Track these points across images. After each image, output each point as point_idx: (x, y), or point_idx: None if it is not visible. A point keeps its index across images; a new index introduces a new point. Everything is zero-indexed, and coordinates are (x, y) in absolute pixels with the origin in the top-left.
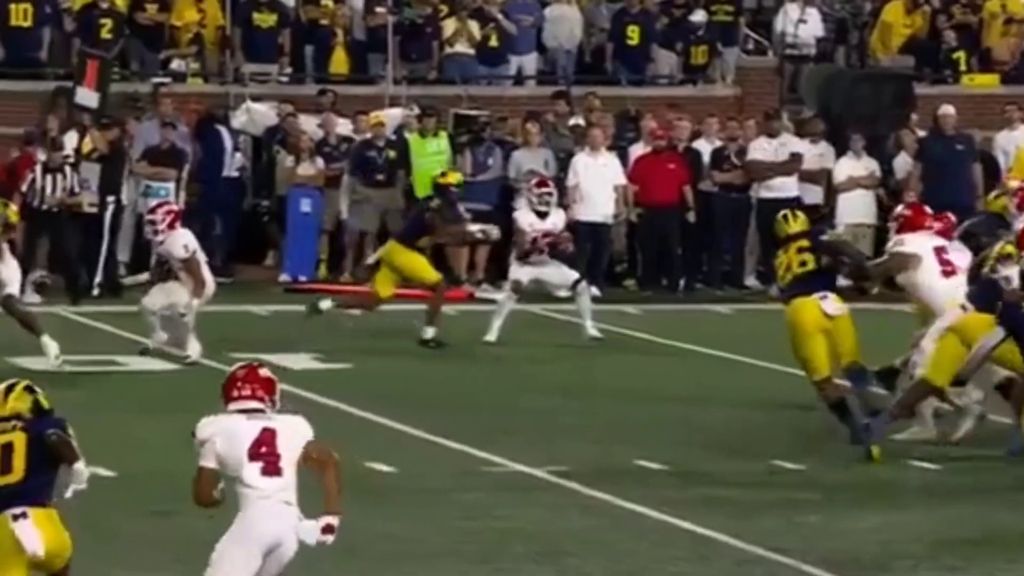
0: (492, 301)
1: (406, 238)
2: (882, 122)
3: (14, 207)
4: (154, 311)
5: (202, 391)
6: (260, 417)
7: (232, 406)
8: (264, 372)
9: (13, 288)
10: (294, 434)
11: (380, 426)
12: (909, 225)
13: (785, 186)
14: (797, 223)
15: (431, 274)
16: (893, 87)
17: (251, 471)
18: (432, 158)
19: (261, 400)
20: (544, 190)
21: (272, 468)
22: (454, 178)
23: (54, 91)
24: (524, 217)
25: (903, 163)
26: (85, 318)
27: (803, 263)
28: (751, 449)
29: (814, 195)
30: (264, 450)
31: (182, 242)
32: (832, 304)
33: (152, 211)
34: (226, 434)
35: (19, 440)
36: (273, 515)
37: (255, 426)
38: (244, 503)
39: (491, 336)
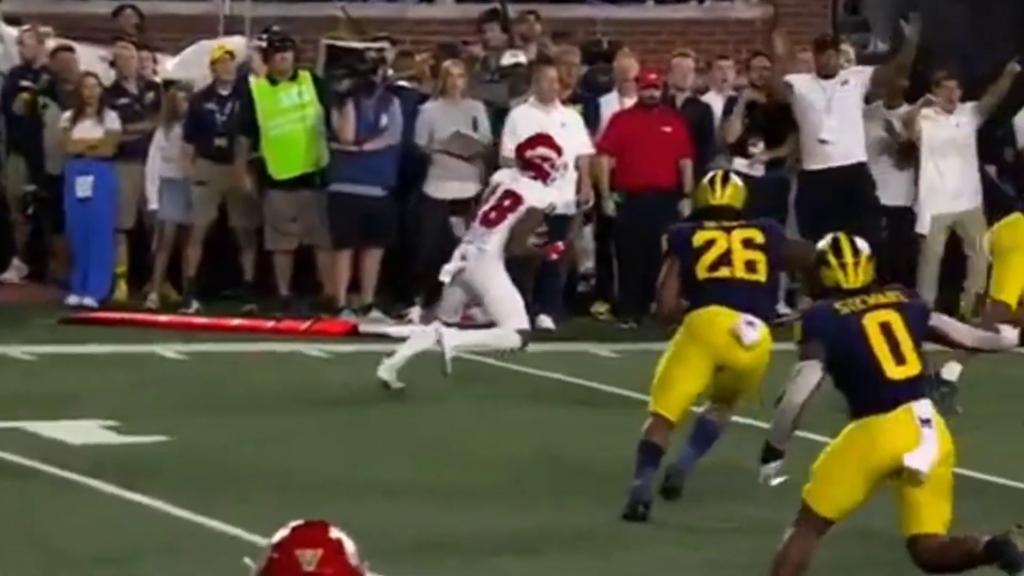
0: (385, 337)
1: None
2: (993, 58)
3: None
4: None
5: None
6: None
7: None
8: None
9: None
10: None
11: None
12: None
13: (849, 151)
14: (728, 193)
15: None
16: (1012, 5)
17: None
18: (289, 116)
19: None
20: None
21: None
22: None
23: None
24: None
25: None
26: None
27: (751, 267)
28: None
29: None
30: None
31: None
32: (753, 332)
33: None
34: None
35: None
36: None
37: None
38: None
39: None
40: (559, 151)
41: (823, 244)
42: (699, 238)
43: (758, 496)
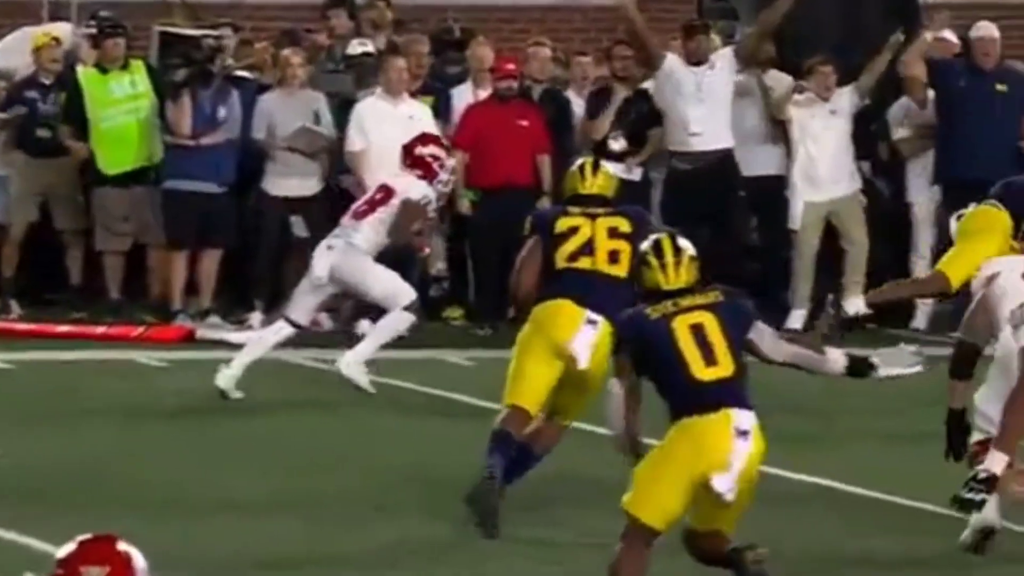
0: (224, 344)
1: None
2: (865, 47)
3: None
4: None
5: None
6: None
7: None
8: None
9: None
10: None
11: None
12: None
13: (717, 138)
14: (598, 181)
15: None
16: None
17: None
18: (120, 107)
19: None
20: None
21: None
22: None
23: None
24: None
25: (904, 111)
26: None
27: (614, 257)
28: None
29: (767, 161)
30: None
31: None
32: (590, 338)
33: None
34: None
35: None
36: None
37: None
38: None
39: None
40: (449, 151)
41: (645, 245)
42: (562, 224)
43: (615, 508)
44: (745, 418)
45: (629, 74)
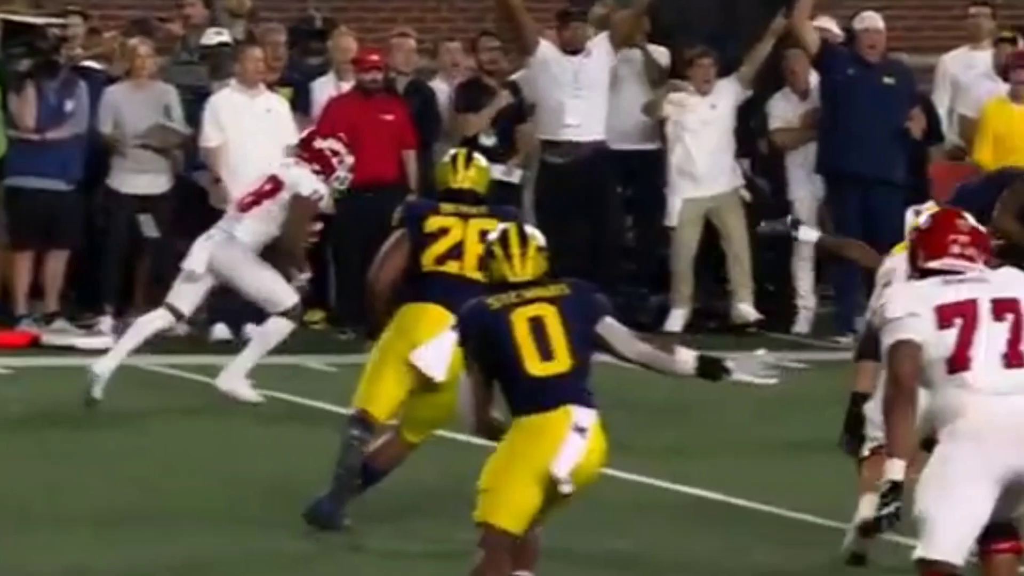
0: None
1: None
2: (742, 40)
3: None
4: None
5: None
6: None
7: None
8: None
9: None
10: None
11: None
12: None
13: (591, 129)
14: (471, 175)
15: None
16: None
17: None
18: None
19: None
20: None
21: None
22: None
23: None
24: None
25: (785, 105)
26: None
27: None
28: None
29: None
30: None
31: None
32: (439, 366)
33: None
34: None
35: None
36: None
37: None
38: None
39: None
40: (350, 148)
41: (492, 235)
42: (433, 223)
43: (466, 516)
44: (584, 415)
45: (497, 67)
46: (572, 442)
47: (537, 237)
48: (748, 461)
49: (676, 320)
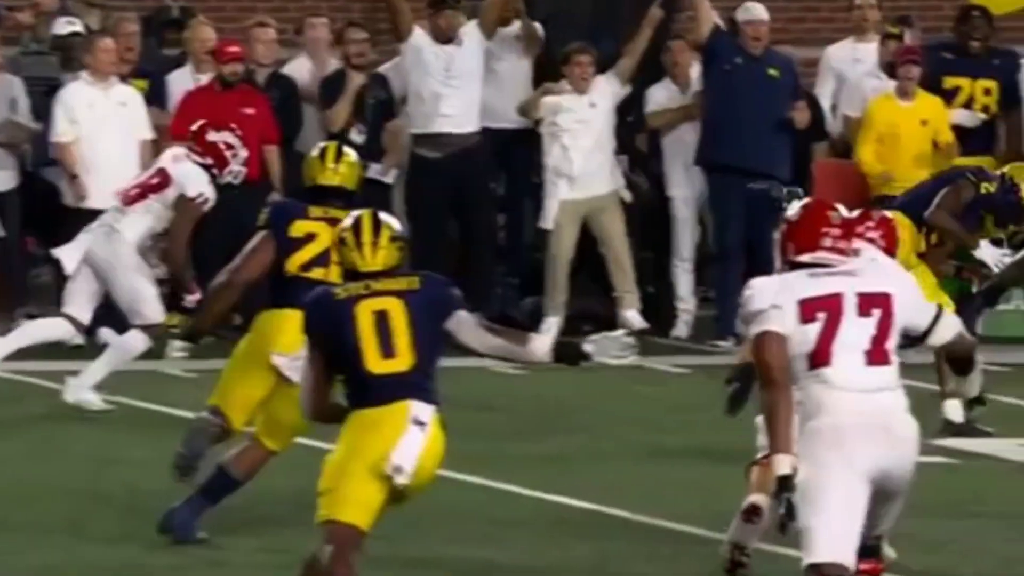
0: None
1: None
2: (619, 35)
3: None
4: None
5: None
6: None
7: None
8: None
9: None
10: None
11: None
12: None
13: (466, 121)
14: (341, 170)
15: None
16: None
17: None
18: None
19: None
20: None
21: None
22: None
23: None
24: None
25: (664, 95)
26: None
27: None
28: None
29: None
30: None
31: None
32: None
33: None
34: None
35: None
36: None
37: None
38: None
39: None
40: (244, 143)
41: (345, 222)
42: (300, 228)
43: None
44: (423, 410)
45: (364, 60)
46: (411, 434)
47: (392, 226)
48: (626, 469)
49: (550, 328)
